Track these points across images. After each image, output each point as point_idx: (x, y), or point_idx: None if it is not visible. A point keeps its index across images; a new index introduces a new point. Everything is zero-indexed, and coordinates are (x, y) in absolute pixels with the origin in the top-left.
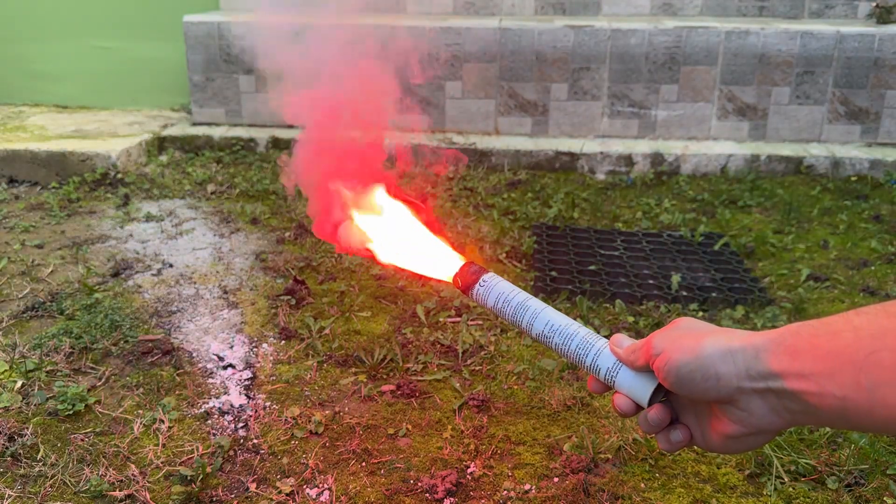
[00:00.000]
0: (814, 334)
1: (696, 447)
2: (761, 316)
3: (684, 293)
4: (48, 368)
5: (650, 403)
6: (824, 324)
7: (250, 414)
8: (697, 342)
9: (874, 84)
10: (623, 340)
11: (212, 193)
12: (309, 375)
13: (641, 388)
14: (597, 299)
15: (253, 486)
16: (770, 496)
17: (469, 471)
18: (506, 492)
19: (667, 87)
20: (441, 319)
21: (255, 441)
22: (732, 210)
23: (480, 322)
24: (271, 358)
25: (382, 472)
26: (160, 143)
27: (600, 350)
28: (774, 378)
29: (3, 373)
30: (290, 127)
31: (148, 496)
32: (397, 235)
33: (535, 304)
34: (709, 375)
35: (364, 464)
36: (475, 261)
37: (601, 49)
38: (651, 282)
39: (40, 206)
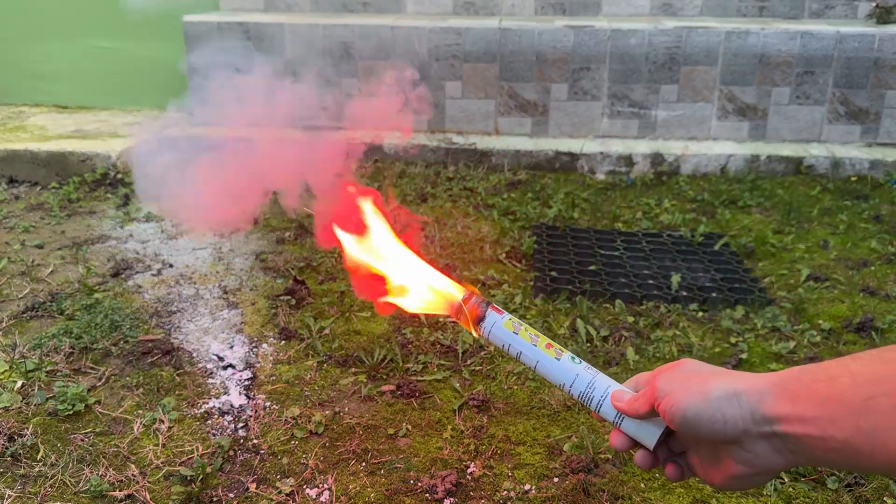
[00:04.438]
0: (812, 379)
1: None
2: (761, 316)
3: (684, 293)
4: (48, 368)
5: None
6: (822, 369)
7: (250, 414)
8: (704, 385)
9: (874, 84)
10: (623, 395)
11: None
12: (309, 375)
13: (648, 434)
14: (597, 299)
15: (253, 486)
16: (770, 496)
17: (469, 471)
18: (506, 492)
19: (667, 87)
20: (441, 319)
21: (255, 441)
22: (732, 210)
23: None
24: (271, 358)
25: (382, 472)
26: None
27: (600, 402)
28: (777, 422)
29: (3, 373)
30: (290, 127)
31: (148, 496)
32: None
33: (535, 356)
34: (716, 419)
35: (364, 464)
36: (472, 293)
37: (601, 49)
38: (651, 282)
39: (40, 207)
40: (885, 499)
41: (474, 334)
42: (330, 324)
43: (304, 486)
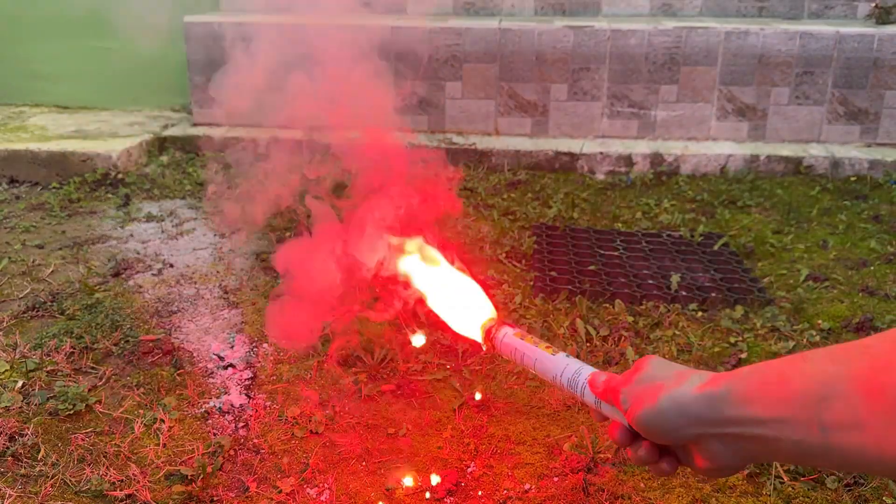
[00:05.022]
0: (764, 381)
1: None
2: (760, 316)
3: (684, 293)
4: (49, 368)
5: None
6: (773, 369)
7: (250, 414)
8: (655, 397)
9: (873, 84)
10: (598, 379)
11: (212, 193)
12: (309, 375)
13: (620, 416)
14: (596, 299)
15: (253, 486)
16: (769, 496)
17: (469, 470)
18: (506, 492)
19: (666, 87)
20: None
21: (256, 441)
22: (732, 210)
23: None
24: (271, 358)
25: (382, 471)
26: (161, 144)
27: (584, 386)
28: (731, 424)
29: (3, 373)
30: (290, 127)
31: (148, 496)
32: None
33: (535, 355)
34: (668, 428)
35: (364, 464)
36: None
37: (601, 49)
38: (651, 282)
39: (41, 207)
40: (884, 498)
41: (484, 347)
42: (330, 324)
43: (305, 486)
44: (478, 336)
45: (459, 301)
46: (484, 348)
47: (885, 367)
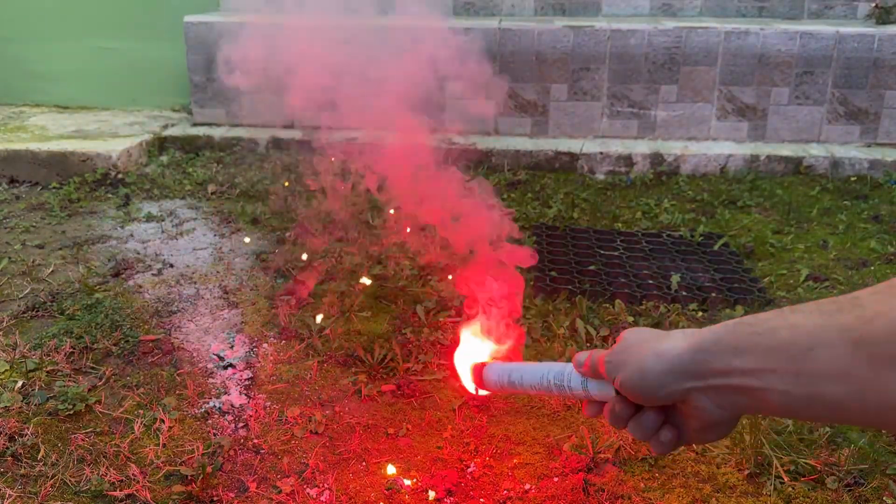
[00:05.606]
0: (752, 332)
1: (694, 447)
2: None
3: (684, 293)
4: (49, 368)
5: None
6: (761, 321)
7: (250, 414)
8: (640, 357)
9: (873, 84)
10: (580, 356)
11: (212, 193)
12: (309, 375)
13: (608, 388)
14: (596, 299)
15: (253, 486)
16: (770, 496)
17: (469, 471)
18: (506, 492)
19: (666, 87)
20: (441, 319)
21: (256, 441)
22: (732, 210)
23: None
24: (271, 358)
25: (382, 471)
26: (161, 144)
27: (570, 376)
28: (716, 377)
29: (3, 373)
30: (290, 127)
31: (148, 496)
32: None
33: (520, 370)
34: (655, 386)
35: (364, 464)
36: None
37: (601, 49)
38: (651, 282)
39: (41, 207)
40: (884, 498)
41: (474, 389)
42: (330, 324)
43: (305, 486)
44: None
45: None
46: (474, 390)
47: (872, 319)
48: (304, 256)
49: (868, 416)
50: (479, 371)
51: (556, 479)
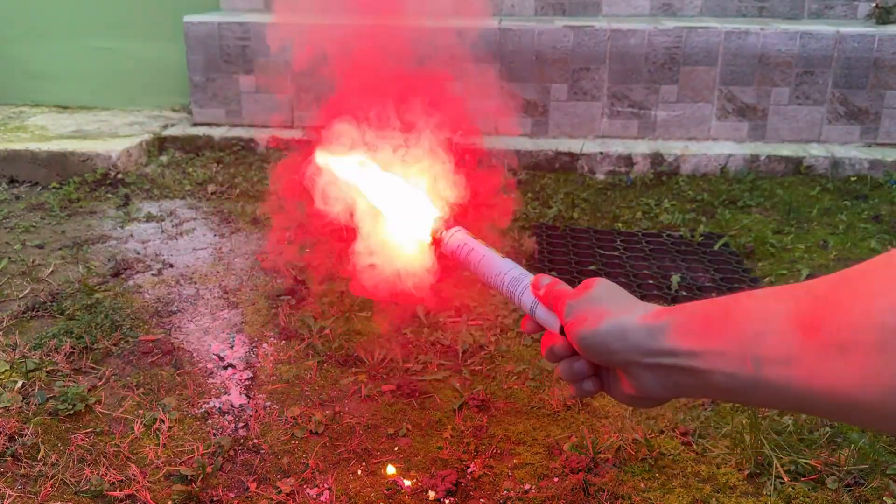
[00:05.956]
0: (705, 316)
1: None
2: None
3: (684, 293)
4: (48, 368)
5: (562, 332)
6: (716, 304)
7: (250, 414)
8: (599, 318)
9: (873, 84)
10: (541, 282)
11: (212, 193)
12: (309, 375)
13: (554, 322)
14: None
15: (253, 486)
16: (770, 496)
17: (469, 471)
18: (506, 492)
19: (667, 87)
20: (441, 319)
21: (256, 441)
22: (732, 210)
23: (480, 322)
24: (271, 358)
25: (382, 471)
26: (161, 144)
27: (524, 289)
28: (665, 355)
29: (3, 373)
30: (290, 127)
31: (148, 496)
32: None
33: (482, 252)
34: (602, 350)
35: (364, 464)
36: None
37: (601, 49)
38: (651, 282)
39: (41, 207)
40: (884, 498)
41: (430, 243)
42: (330, 324)
43: (305, 486)
44: (426, 235)
45: (404, 200)
46: (430, 244)
47: (825, 305)
48: (304, 257)
49: (813, 402)
50: (443, 225)
51: (556, 479)
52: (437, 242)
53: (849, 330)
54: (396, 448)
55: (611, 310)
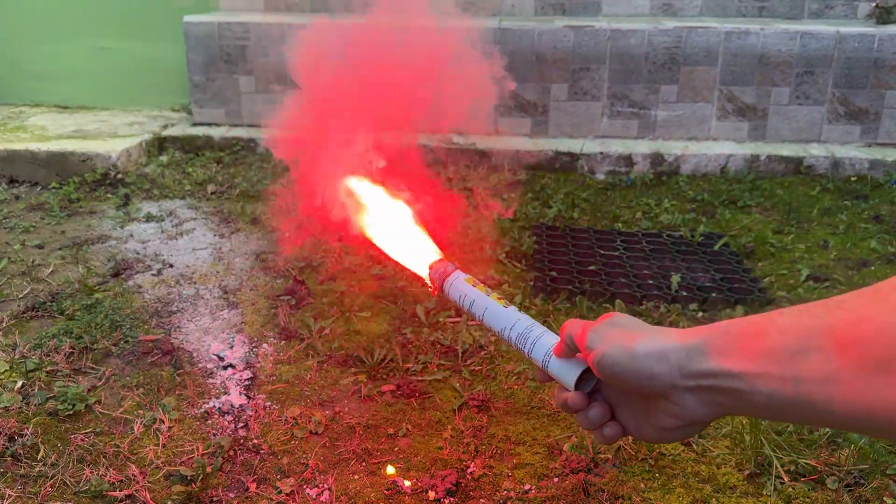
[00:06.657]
0: (741, 334)
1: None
2: None
3: (684, 293)
4: (48, 368)
5: (577, 387)
6: (750, 324)
7: (250, 414)
8: (631, 341)
9: (874, 84)
10: (572, 327)
11: (212, 193)
12: (309, 375)
13: (569, 373)
14: (597, 299)
15: (253, 486)
16: (770, 496)
17: (469, 471)
18: (506, 492)
19: (667, 87)
20: (441, 319)
21: (255, 441)
22: (732, 210)
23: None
24: (271, 358)
25: (382, 471)
26: (160, 144)
27: (534, 343)
28: (706, 377)
29: (3, 373)
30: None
31: (148, 496)
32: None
33: (485, 303)
34: (643, 375)
35: (364, 464)
36: (447, 260)
37: (601, 49)
38: (651, 282)
39: (40, 207)
40: (884, 499)
41: (430, 286)
42: (330, 324)
43: (304, 486)
44: (424, 274)
45: (407, 238)
46: (431, 288)
47: (859, 321)
48: (304, 256)
49: (856, 420)
50: (440, 273)
51: (556, 480)
52: (437, 289)
53: (886, 346)
54: (396, 448)
55: (639, 330)
